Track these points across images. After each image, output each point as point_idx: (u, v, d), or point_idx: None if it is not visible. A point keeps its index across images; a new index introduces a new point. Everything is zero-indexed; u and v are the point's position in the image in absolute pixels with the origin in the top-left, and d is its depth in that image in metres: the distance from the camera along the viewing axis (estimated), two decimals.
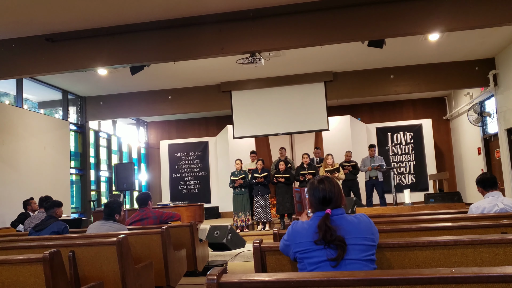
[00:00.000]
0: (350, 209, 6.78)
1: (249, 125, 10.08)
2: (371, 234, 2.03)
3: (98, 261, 3.38)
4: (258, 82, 9.99)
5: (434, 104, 12.34)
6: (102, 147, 11.46)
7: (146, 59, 6.64)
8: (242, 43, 6.35)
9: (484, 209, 3.60)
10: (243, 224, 8.87)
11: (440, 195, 7.28)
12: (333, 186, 2.15)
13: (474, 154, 10.63)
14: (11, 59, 6.79)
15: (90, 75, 8.73)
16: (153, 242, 4.33)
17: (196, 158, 12.78)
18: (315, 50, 7.71)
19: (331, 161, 8.87)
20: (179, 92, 10.29)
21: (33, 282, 2.64)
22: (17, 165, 7.93)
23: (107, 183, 11.56)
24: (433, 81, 9.47)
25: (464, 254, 2.12)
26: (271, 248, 2.30)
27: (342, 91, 9.78)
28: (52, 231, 4.37)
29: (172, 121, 13.39)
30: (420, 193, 10.00)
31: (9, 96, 8.93)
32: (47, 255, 2.58)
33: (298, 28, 6.20)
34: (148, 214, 5.19)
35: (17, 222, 6.70)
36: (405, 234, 2.84)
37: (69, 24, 6.40)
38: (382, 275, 1.38)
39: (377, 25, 6.03)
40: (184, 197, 12.24)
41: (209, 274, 1.49)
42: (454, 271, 1.32)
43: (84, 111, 10.54)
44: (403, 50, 8.50)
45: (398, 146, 11.88)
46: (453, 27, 5.99)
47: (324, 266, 1.94)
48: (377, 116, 12.45)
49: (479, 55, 9.02)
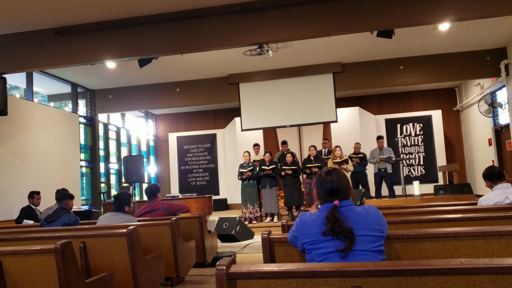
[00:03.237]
0: (358, 201, 6.77)
1: (257, 117, 10.07)
2: (379, 225, 2.02)
3: (108, 252, 3.43)
4: (266, 74, 9.95)
5: (444, 95, 12.21)
6: (111, 139, 11.54)
7: (154, 52, 6.65)
8: (250, 34, 6.33)
9: (498, 202, 3.56)
10: (251, 216, 8.89)
11: (450, 186, 7.25)
12: (341, 177, 2.14)
13: (484, 146, 10.53)
14: (21, 52, 6.84)
15: (99, 68, 8.77)
16: (162, 233, 4.37)
17: (204, 150, 12.81)
18: (324, 41, 7.67)
19: (339, 153, 8.84)
20: (187, 84, 10.30)
21: (46, 272, 2.69)
22: (27, 158, 8.02)
23: (117, 175, 11.64)
24: (443, 72, 9.37)
25: (474, 246, 2.10)
26: (279, 239, 2.30)
27: (350, 82, 9.72)
28: (64, 223, 4.42)
29: (180, 113, 13.42)
30: (430, 184, 9.95)
31: (20, 90, 9.00)
32: (59, 246, 2.63)
33: (306, 19, 6.15)
34: (157, 205, 5.23)
35: (20, 219, 6.67)
36: (415, 225, 2.82)
37: (78, 17, 6.42)
38: (391, 266, 1.38)
39: (386, 15, 5.97)
40: (193, 189, 12.29)
41: (218, 264, 1.50)
42: (464, 262, 1.32)
43: (93, 104, 10.60)
44: (413, 40, 8.41)
45: (407, 138, 11.80)
46: (463, 16, 5.92)
47: (332, 257, 1.94)
48: (386, 107, 12.36)
49: (490, 45, 8.90)
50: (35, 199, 6.95)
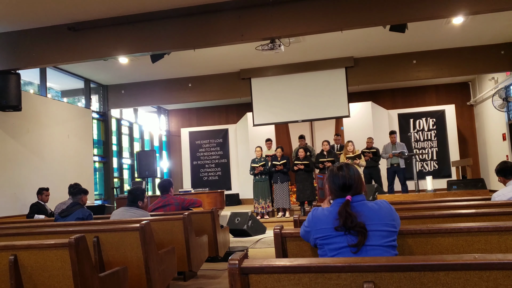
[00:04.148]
0: (371, 196, 6.74)
1: (269, 112, 10.06)
2: (392, 220, 2.01)
3: (122, 246, 3.45)
4: (278, 68, 9.93)
5: (458, 90, 12.07)
6: (124, 135, 11.63)
7: (166, 47, 6.67)
8: (261, 29, 6.31)
9: (511, 197, 3.52)
10: (263, 210, 8.91)
11: (463, 182, 7.18)
12: (353, 172, 2.14)
13: (498, 140, 10.39)
14: (35, 48, 6.91)
15: (111, 63, 8.83)
16: (175, 228, 4.39)
17: (216, 145, 12.85)
18: (336, 36, 7.62)
19: (352, 148, 8.81)
20: (199, 79, 10.32)
21: (60, 266, 2.72)
22: (41, 153, 8.12)
23: (130, 170, 11.74)
24: (456, 66, 9.26)
25: (488, 241, 2.08)
26: (291, 234, 2.31)
27: (363, 77, 9.66)
28: (77, 218, 4.48)
29: (193, 109, 13.46)
30: (443, 180, 9.86)
31: (33, 85, 9.11)
32: (73, 240, 2.64)
33: (318, 13, 6.12)
34: (170, 200, 5.26)
35: (32, 214, 6.73)
36: (428, 220, 2.81)
37: (90, 13, 6.46)
38: (404, 261, 1.38)
39: (399, 9, 5.91)
40: (205, 184, 12.35)
41: (230, 259, 1.51)
42: (477, 257, 1.31)
43: (106, 100, 10.69)
44: (426, 35, 8.31)
45: (420, 133, 11.70)
46: (477, 10, 5.83)
47: (344, 252, 1.94)
48: (399, 102, 12.26)
49: (505, 39, 8.76)
50: (44, 195, 7.00)
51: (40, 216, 6.62)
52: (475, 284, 1.31)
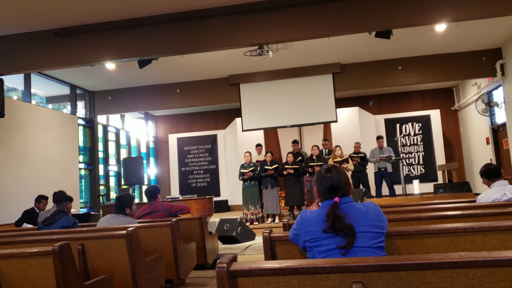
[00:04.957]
0: (359, 200, 6.77)
1: (258, 118, 10.08)
2: (379, 221, 2.03)
3: (107, 254, 3.38)
4: (266, 74, 9.97)
5: (442, 95, 12.24)
6: (110, 141, 11.53)
7: (154, 52, 6.65)
8: (250, 35, 6.34)
9: (496, 199, 3.57)
10: (253, 217, 8.87)
11: (449, 185, 7.26)
12: (341, 174, 2.15)
13: (482, 144, 10.54)
14: (19, 53, 6.84)
15: (98, 69, 8.77)
16: (162, 235, 4.34)
17: (205, 151, 12.81)
18: (323, 42, 7.69)
19: (340, 152, 8.85)
20: (187, 85, 10.30)
21: (43, 275, 2.64)
22: (26, 160, 8.01)
23: (116, 177, 11.63)
24: (441, 72, 9.40)
25: (473, 241, 2.11)
26: (280, 237, 2.31)
27: (350, 83, 9.75)
28: (62, 226, 4.39)
29: (181, 114, 13.42)
30: (429, 183, 9.96)
31: (17, 91, 9.00)
32: (57, 248, 2.58)
33: (306, 20, 6.17)
34: (157, 207, 5.21)
35: (21, 221, 6.51)
36: (415, 222, 2.83)
37: (77, 18, 6.42)
38: (391, 261, 1.38)
39: (384, 16, 5.99)
40: (193, 191, 12.28)
41: (219, 262, 1.51)
42: (463, 255, 1.32)
43: (93, 106, 10.60)
44: (411, 41, 8.43)
45: (406, 137, 11.81)
46: (460, 17, 5.94)
47: (333, 254, 1.94)
48: (386, 107, 12.38)
49: (486, 45, 8.93)
50: (42, 204, 6.70)
51: (29, 225, 6.44)
52: (461, 281, 1.33)
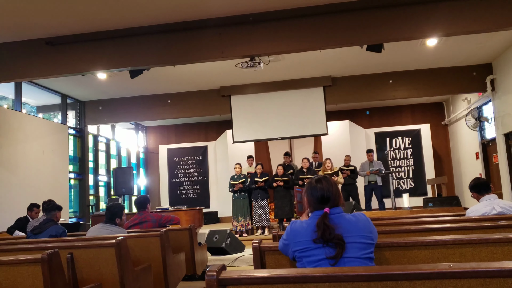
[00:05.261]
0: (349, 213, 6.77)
1: (249, 130, 10.10)
2: (369, 232, 2.03)
3: (96, 263, 3.36)
4: (257, 86, 10.01)
5: (433, 109, 12.37)
6: (101, 151, 11.46)
7: (146, 63, 6.66)
8: (242, 47, 6.38)
9: (485, 213, 3.59)
10: (242, 228, 8.84)
11: (438, 199, 7.30)
12: (331, 185, 2.16)
13: (472, 159, 10.64)
14: (10, 62, 6.80)
15: (89, 79, 8.75)
16: (152, 245, 4.31)
17: (195, 162, 12.78)
18: (314, 55, 7.75)
19: (330, 165, 8.88)
20: (179, 96, 10.31)
21: (31, 283, 2.60)
22: (15, 169, 7.92)
23: (106, 187, 11.54)
24: (431, 86, 9.50)
25: (462, 253, 2.12)
26: (270, 248, 2.30)
27: (341, 96, 9.81)
28: (50, 235, 4.35)
29: (171, 125, 13.40)
30: (419, 197, 10.00)
31: (8, 100, 8.93)
32: (46, 255, 2.55)
33: (297, 33, 6.23)
34: (147, 217, 5.18)
35: (13, 229, 6.50)
36: (404, 235, 2.84)
37: (69, 27, 6.42)
38: (381, 271, 1.39)
39: (376, 30, 6.07)
40: (183, 202, 12.21)
41: (208, 270, 1.50)
42: (452, 266, 1.33)
43: (83, 116, 10.55)
44: (402, 55, 8.53)
45: (396, 151, 11.89)
46: (451, 32, 6.03)
47: (323, 264, 1.94)
48: (376, 121, 12.48)
49: (476, 61, 9.06)
50: (34, 212, 6.68)
51: (21, 233, 6.40)
52: None
